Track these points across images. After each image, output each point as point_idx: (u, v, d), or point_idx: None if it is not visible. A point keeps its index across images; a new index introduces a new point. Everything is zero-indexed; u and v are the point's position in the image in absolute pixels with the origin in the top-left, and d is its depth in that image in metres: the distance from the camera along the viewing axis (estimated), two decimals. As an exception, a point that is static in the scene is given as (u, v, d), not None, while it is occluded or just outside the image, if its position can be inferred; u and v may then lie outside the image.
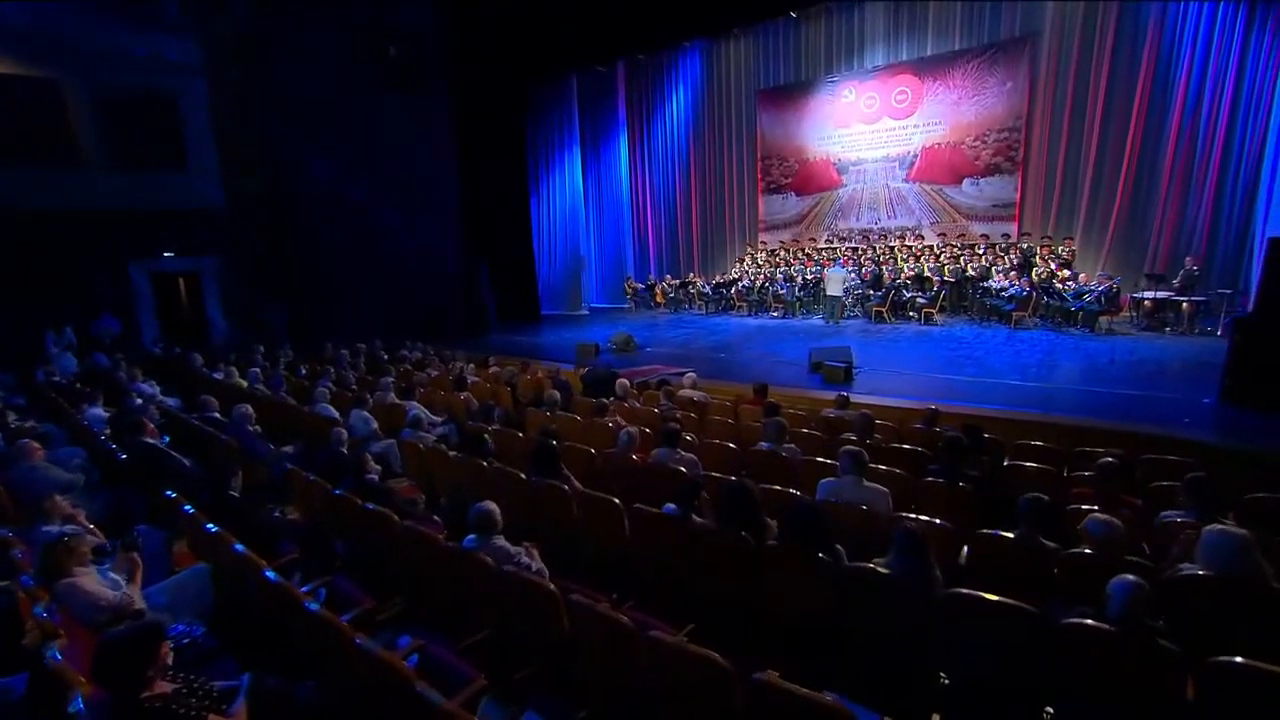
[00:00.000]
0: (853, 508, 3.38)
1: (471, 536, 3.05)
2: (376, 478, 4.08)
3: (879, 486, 3.53)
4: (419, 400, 7.14)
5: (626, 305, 18.11)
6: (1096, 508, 3.19)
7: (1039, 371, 8.04)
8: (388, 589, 3.57)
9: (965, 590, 2.37)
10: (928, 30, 14.37)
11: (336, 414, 6.83)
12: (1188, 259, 10.94)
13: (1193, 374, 7.94)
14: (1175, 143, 11.74)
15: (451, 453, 5.21)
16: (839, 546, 2.81)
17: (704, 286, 15.97)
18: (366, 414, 6.47)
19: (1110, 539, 2.73)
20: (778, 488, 3.67)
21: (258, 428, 5.71)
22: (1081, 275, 11.91)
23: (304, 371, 9.22)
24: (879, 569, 2.61)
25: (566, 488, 3.87)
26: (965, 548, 3.16)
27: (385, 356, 10.66)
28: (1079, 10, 12.55)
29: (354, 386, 8.03)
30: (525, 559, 3.02)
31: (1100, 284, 10.87)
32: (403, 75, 14.68)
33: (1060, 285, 11.58)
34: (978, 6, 13.59)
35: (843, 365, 7.72)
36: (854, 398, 6.48)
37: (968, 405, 6.34)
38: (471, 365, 8.79)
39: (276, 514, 3.98)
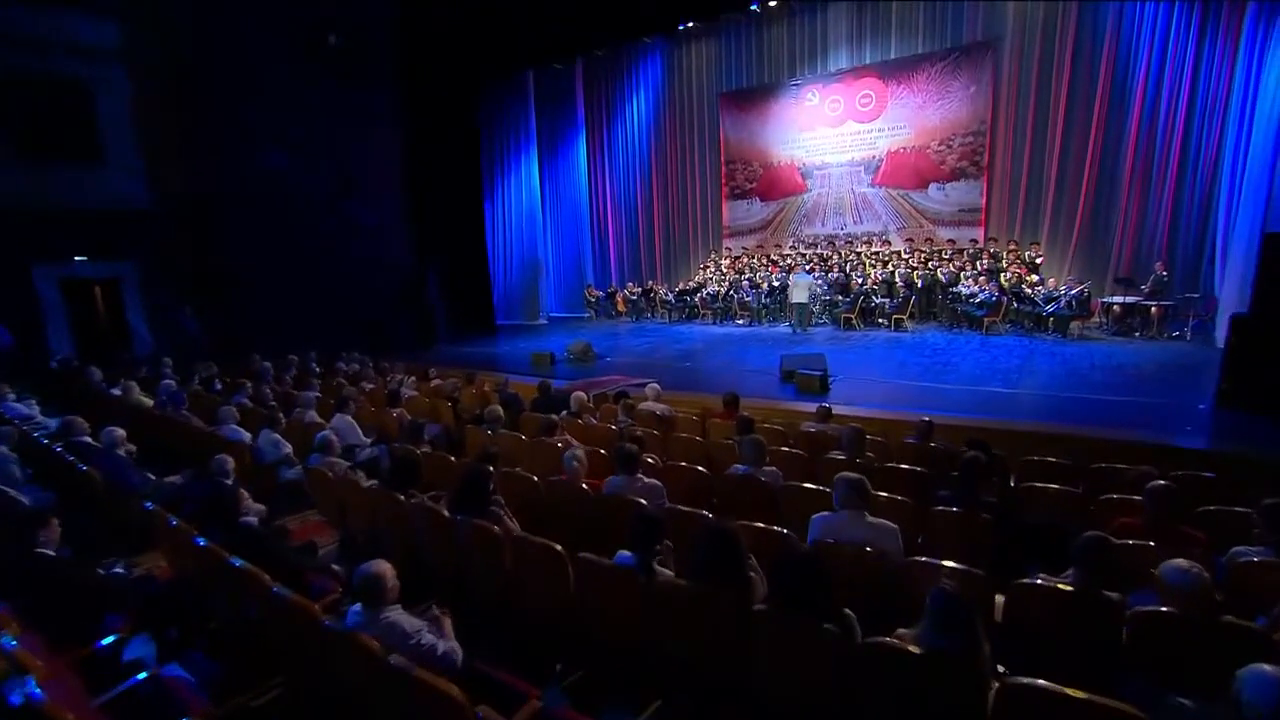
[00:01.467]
0: (857, 551, 2.70)
1: (356, 608, 2.25)
2: (256, 520, 3.21)
3: (885, 523, 2.85)
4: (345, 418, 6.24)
5: (586, 314, 17.37)
6: (1152, 543, 2.58)
7: (1022, 378, 7.60)
8: (267, 669, 2.73)
9: (1037, 682, 1.68)
10: (891, 33, 14.15)
11: (247, 436, 5.89)
12: (1157, 264, 10.81)
13: (1174, 378, 7.64)
14: (1134, 147, 11.70)
15: (367, 481, 4.37)
16: (848, 611, 2.12)
17: (667, 294, 15.34)
18: (277, 436, 5.56)
19: (1194, 591, 2.10)
20: (760, 524, 2.97)
21: (130, 452, 4.74)
22: (1050, 280, 11.72)
23: (219, 386, 8.18)
24: (908, 646, 1.92)
25: (498, 529, 3.09)
26: (1000, 598, 2.50)
27: (318, 369, 9.66)
28: (1039, 16, 12.50)
29: (272, 402, 7.05)
30: (429, 637, 2.23)
31: (1070, 288, 10.61)
32: (345, 67, 13.70)
33: (1029, 290, 11.35)
34: (940, 9, 13.43)
35: (818, 374, 7.12)
36: (833, 409, 5.86)
37: (957, 415, 5.79)
38: (411, 378, 7.89)
39: (119, 570, 3.08)
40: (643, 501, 3.32)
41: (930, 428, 4.50)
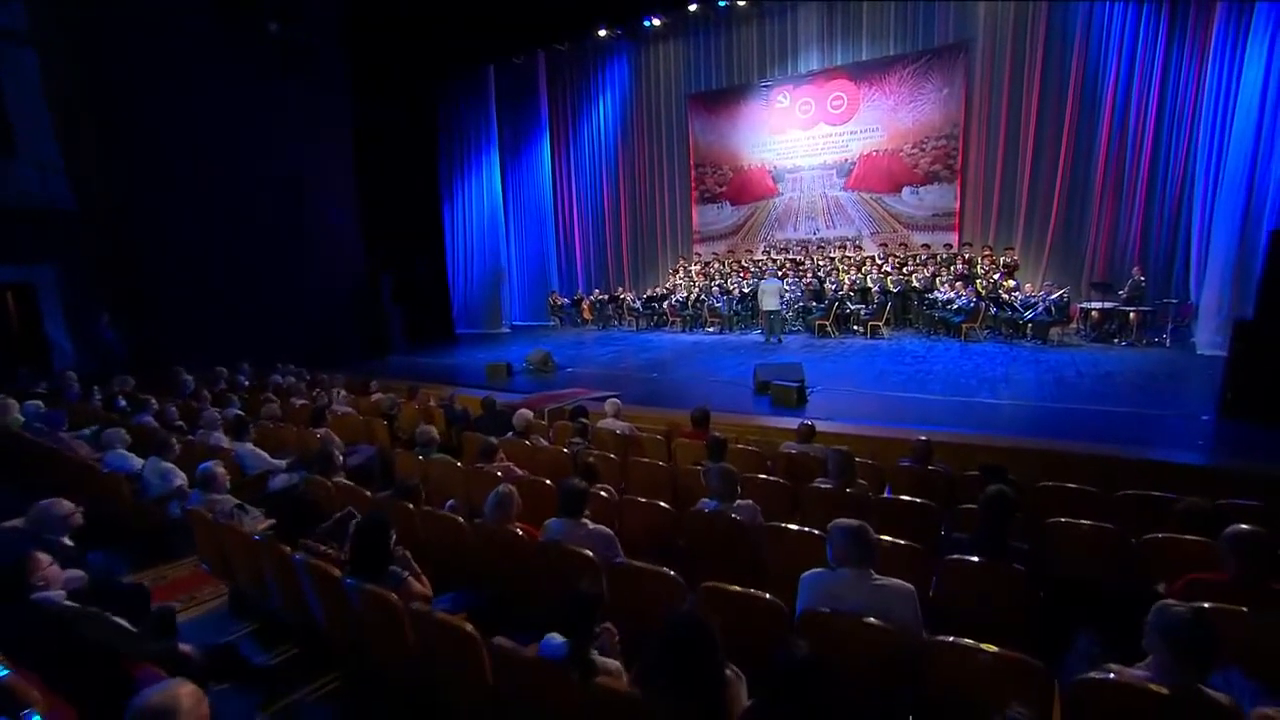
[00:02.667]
0: (862, 624, 2.04)
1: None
2: (55, 594, 2.39)
3: (897, 583, 2.20)
4: (258, 440, 5.41)
5: (551, 322, 16.63)
6: (1245, 609, 1.98)
7: (1008, 387, 7.12)
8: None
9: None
10: (862, 34, 13.85)
11: (137, 463, 5.03)
12: (1134, 269, 10.56)
13: (1165, 387, 7.28)
14: (1106, 150, 11.56)
15: (265, 522, 3.60)
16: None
17: (634, 301, 14.69)
18: (168, 465, 4.70)
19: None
20: (737, 589, 2.30)
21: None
22: (1027, 285, 11.43)
23: (124, 404, 7.22)
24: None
25: (397, 597, 2.36)
26: (1057, 693, 1.87)
27: (247, 383, 8.73)
28: (1010, 17, 12.32)
29: (178, 422, 6.16)
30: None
31: (1049, 294, 10.28)
32: (290, 58, 12.78)
33: (1006, 296, 11.03)
34: (911, 10, 13.16)
35: (794, 385, 6.53)
36: (822, 424, 5.25)
37: (948, 430, 5.23)
38: (342, 392, 7.05)
39: None
40: (588, 554, 2.63)
41: (929, 449, 3.90)
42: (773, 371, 7.10)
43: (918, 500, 3.24)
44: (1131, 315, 10.18)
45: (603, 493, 3.47)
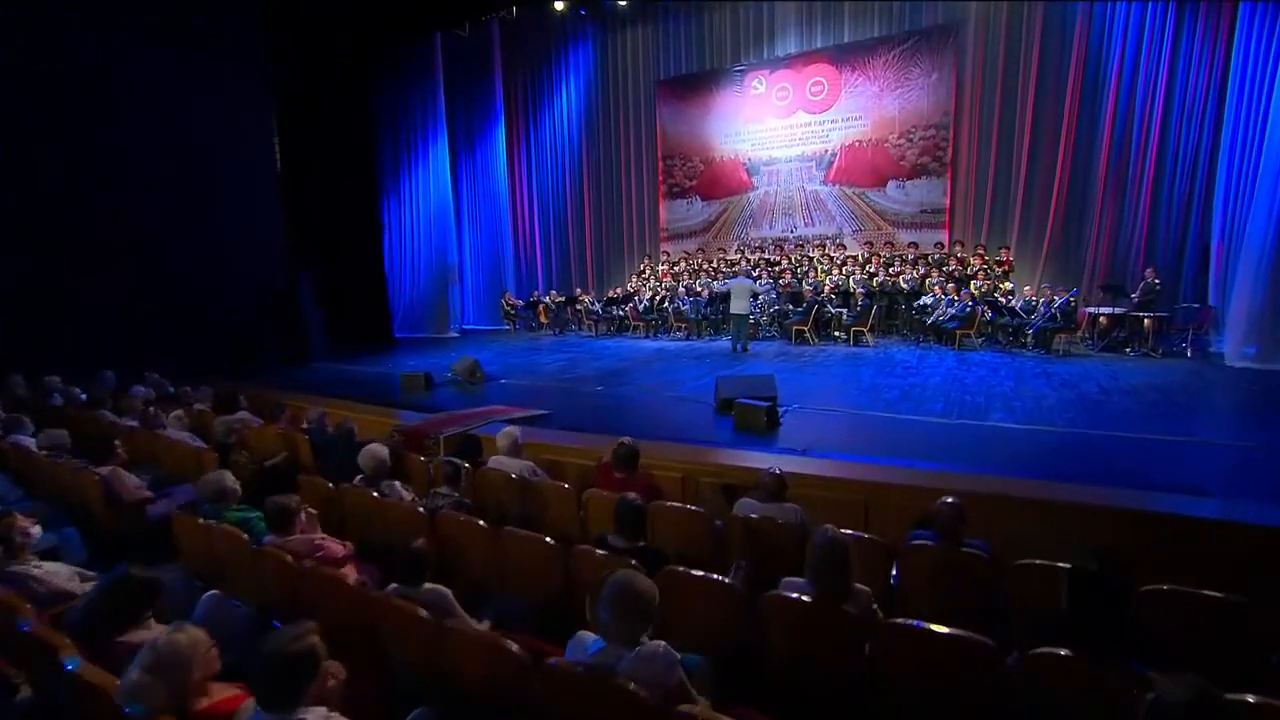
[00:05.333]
0: None
1: None
2: None
3: None
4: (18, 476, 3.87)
5: (505, 326, 15.13)
6: None
7: (1025, 406, 5.82)
8: None
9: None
10: (844, 15, 12.69)
11: None
12: (1147, 270, 9.45)
13: (1209, 407, 6.10)
14: (1110, 141, 10.52)
15: None
16: None
17: (592, 303, 13.27)
18: None
19: None
20: None
21: None
22: (1025, 288, 10.26)
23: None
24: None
25: None
26: None
27: (85, 397, 7.07)
28: (1003, -5, 11.20)
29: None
30: None
31: (1058, 297, 9.08)
32: (202, 34, 11.11)
33: (1003, 300, 9.84)
34: (896, -12, 12.01)
35: (764, 404, 5.14)
36: (786, 462, 3.86)
37: (967, 471, 3.87)
38: (177, 411, 5.46)
39: None
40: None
41: (959, 517, 2.46)
42: (739, 386, 5.71)
43: (962, 635, 1.82)
44: (1145, 321, 9.04)
45: (423, 613, 2.00)
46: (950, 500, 2.54)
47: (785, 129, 13.34)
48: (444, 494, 3.21)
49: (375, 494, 3.30)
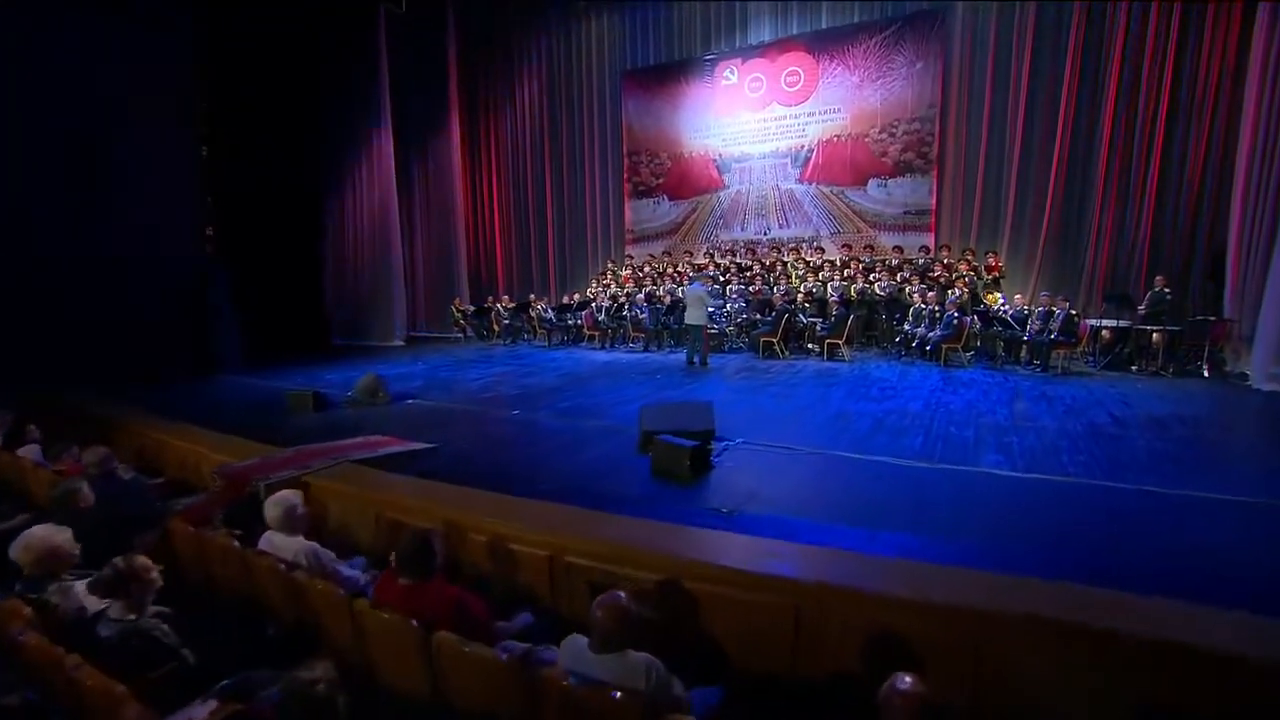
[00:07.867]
0: None
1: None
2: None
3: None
4: None
5: (458, 334, 13.91)
6: None
7: (1026, 444, 4.68)
8: None
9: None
10: (821, -1, 11.64)
11: None
12: (1157, 278, 8.42)
13: (1254, 445, 4.99)
14: (1110, 138, 9.53)
15: None
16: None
17: (545, 310, 12.09)
18: None
19: None
20: None
21: None
22: (1016, 296, 9.21)
23: None
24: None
25: None
26: None
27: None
28: (993, -23, 10.20)
29: None
30: None
31: (1059, 308, 8.00)
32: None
33: (997, 310, 8.77)
34: (879, -31, 10.99)
35: (690, 444, 3.96)
36: (713, 535, 2.70)
37: (952, 564, 2.70)
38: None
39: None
40: None
41: (917, 714, 1.37)
42: (666, 416, 4.53)
43: None
44: (1154, 336, 7.98)
45: None
46: (906, 684, 1.38)
47: (758, 123, 12.27)
48: (113, 619, 1.98)
49: (27, 607, 2.08)
